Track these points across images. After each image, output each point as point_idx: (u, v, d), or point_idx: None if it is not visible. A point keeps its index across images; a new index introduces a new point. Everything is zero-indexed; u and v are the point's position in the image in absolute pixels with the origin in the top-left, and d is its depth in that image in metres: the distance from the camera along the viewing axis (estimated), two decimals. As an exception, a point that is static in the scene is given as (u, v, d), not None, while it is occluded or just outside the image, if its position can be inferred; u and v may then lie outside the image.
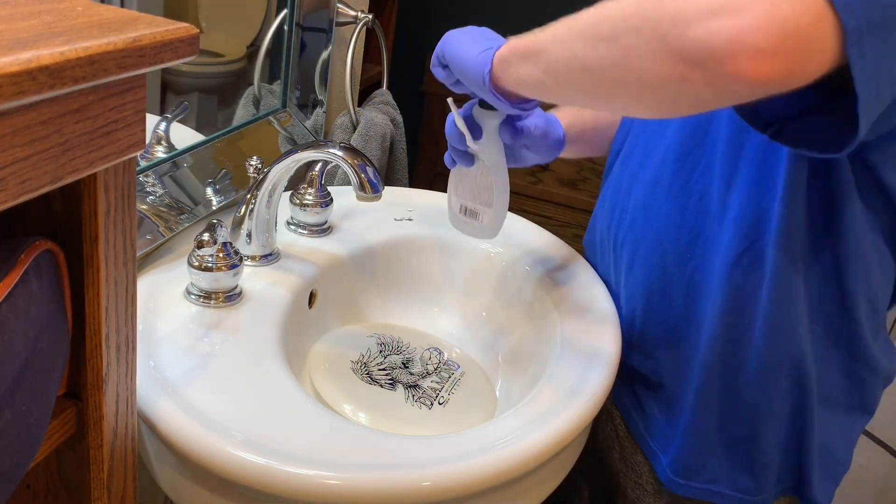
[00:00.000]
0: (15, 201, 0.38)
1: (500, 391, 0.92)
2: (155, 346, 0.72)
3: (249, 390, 0.69)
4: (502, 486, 0.67)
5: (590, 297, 0.92)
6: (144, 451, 0.71)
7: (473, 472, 0.64)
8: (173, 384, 0.68)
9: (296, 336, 0.84)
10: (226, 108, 1.06)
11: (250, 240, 0.87)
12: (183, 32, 0.43)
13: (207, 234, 0.77)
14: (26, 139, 0.37)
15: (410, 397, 0.85)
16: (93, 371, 0.50)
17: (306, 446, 0.64)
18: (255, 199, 0.85)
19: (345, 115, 1.23)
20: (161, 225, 0.86)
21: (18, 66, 0.34)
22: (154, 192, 0.87)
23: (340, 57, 1.21)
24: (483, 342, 0.98)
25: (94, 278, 0.48)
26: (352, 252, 0.97)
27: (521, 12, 1.95)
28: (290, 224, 0.98)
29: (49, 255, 0.45)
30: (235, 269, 0.80)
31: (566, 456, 0.79)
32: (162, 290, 0.81)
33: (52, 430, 0.50)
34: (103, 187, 0.45)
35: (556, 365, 0.80)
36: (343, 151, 0.80)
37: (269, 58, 1.09)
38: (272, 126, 1.11)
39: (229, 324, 0.78)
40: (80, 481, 0.54)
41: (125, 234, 0.49)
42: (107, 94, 0.41)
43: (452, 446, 0.67)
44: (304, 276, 0.89)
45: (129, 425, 0.55)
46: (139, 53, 0.40)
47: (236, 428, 0.64)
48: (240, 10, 1.07)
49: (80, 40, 0.37)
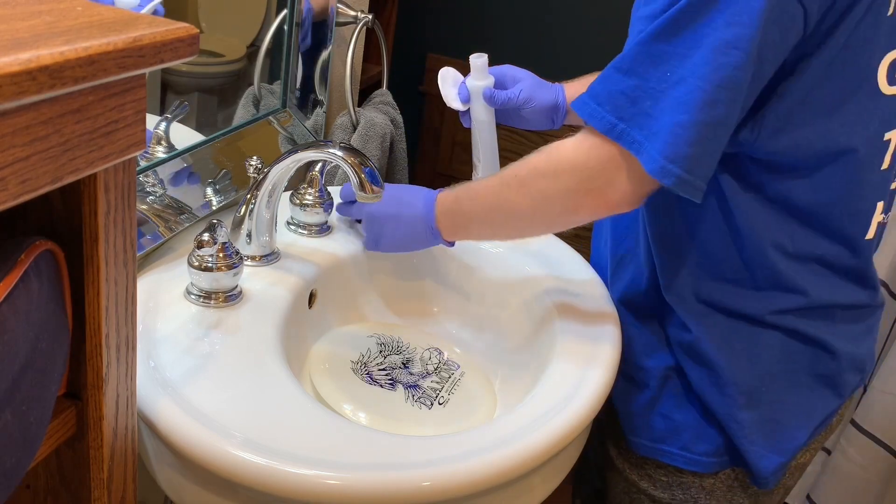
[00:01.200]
0: (15, 201, 0.38)
1: (500, 391, 0.92)
2: (155, 346, 0.72)
3: (249, 390, 0.69)
4: (502, 486, 0.67)
5: (590, 296, 0.92)
6: (144, 451, 0.71)
7: (473, 472, 0.64)
8: (173, 384, 0.68)
9: (296, 336, 0.84)
10: (226, 108, 1.06)
11: (250, 240, 0.87)
12: (183, 32, 0.43)
13: (207, 234, 0.77)
14: (26, 139, 0.37)
15: (410, 397, 0.85)
16: (93, 371, 0.50)
17: (306, 446, 0.64)
18: (255, 199, 0.85)
19: (345, 115, 1.23)
20: (161, 225, 0.86)
21: (18, 66, 0.34)
22: (154, 192, 0.87)
23: (340, 57, 1.21)
24: (483, 342, 0.98)
25: (94, 278, 0.48)
26: (352, 252, 0.97)
27: (522, 12, 1.95)
28: (290, 224, 0.98)
29: (49, 255, 0.45)
30: (235, 269, 0.80)
31: (566, 456, 0.79)
32: (162, 290, 0.81)
33: (52, 430, 0.50)
34: (103, 187, 0.45)
35: (556, 365, 0.80)
36: (343, 151, 0.80)
37: (269, 58, 1.09)
38: (272, 126, 1.11)
39: (229, 324, 0.78)
40: (79, 481, 0.54)
41: (125, 234, 0.49)
42: (107, 94, 0.41)
43: (452, 446, 0.67)
44: (304, 276, 0.89)
45: (129, 425, 0.55)
46: (139, 53, 0.40)
47: (236, 428, 0.64)
48: (240, 10, 1.07)
49: (80, 40, 0.37)
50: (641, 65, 0.69)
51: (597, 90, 0.72)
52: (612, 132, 0.71)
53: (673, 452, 0.86)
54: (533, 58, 2.01)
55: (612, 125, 0.70)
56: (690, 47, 0.66)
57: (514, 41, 1.99)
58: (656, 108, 0.68)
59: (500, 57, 0.95)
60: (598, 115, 0.71)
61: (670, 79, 0.68)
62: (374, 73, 1.70)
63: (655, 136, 0.68)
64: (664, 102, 0.68)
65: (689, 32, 0.66)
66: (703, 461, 0.85)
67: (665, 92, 0.68)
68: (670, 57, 0.68)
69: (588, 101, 0.73)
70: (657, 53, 0.68)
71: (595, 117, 0.72)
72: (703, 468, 0.85)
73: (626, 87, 0.70)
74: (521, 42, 1.98)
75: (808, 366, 0.82)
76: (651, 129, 0.69)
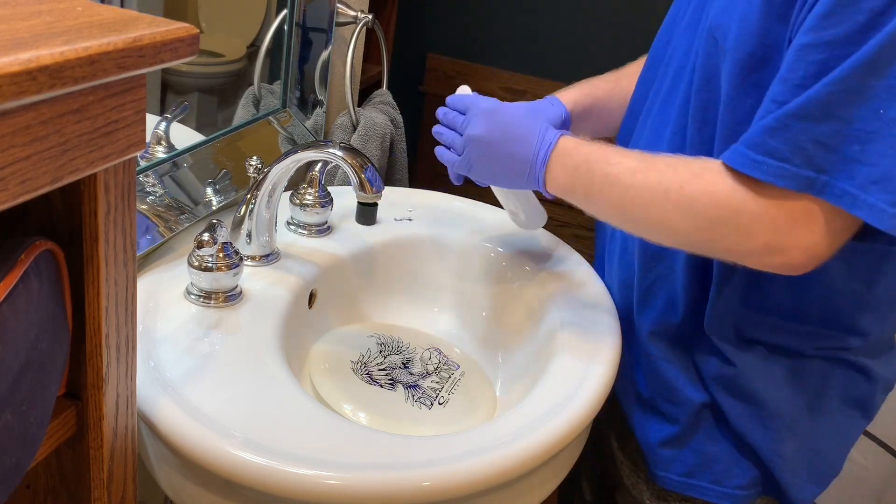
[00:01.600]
0: (15, 201, 0.38)
1: (500, 391, 0.92)
2: (155, 346, 0.72)
3: (249, 390, 0.69)
4: (502, 486, 0.67)
5: (590, 296, 0.92)
6: (144, 451, 0.71)
7: (473, 472, 0.64)
8: (173, 384, 0.68)
9: (296, 336, 0.84)
10: (226, 108, 1.06)
11: (250, 240, 0.87)
12: (183, 32, 0.43)
13: (207, 234, 0.77)
14: (26, 139, 0.37)
15: (410, 397, 0.85)
16: (93, 371, 0.50)
17: (306, 446, 0.64)
18: (255, 199, 0.85)
19: (345, 115, 1.23)
20: (161, 225, 0.86)
21: (18, 66, 0.34)
22: (154, 192, 0.87)
23: (340, 57, 1.21)
24: (483, 342, 0.98)
25: (94, 278, 0.48)
26: (352, 252, 0.97)
27: (521, 12, 1.95)
28: (290, 224, 0.98)
29: (49, 255, 0.45)
30: (235, 269, 0.80)
31: (566, 456, 0.79)
32: (162, 290, 0.81)
33: (52, 430, 0.50)
34: (103, 187, 0.45)
35: (556, 364, 0.80)
36: (343, 151, 0.80)
37: (269, 58, 1.09)
38: (272, 126, 1.11)
39: (229, 324, 0.78)
40: (79, 481, 0.54)
41: (125, 234, 0.49)
42: (107, 94, 0.41)
43: (452, 446, 0.67)
44: (303, 276, 0.89)
45: (129, 425, 0.55)
46: (139, 53, 0.40)
47: (236, 428, 0.64)
48: (240, 10, 1.07)
49: (80, 40, 0.37)
50: (842, 106, 0.58)
51: (773, 146, 0.61)
52: (813, 187, 0.60)
53: (704, 486, 0.82)
54: (533, 58, 2.01)
55: (811, 180, 0.60)
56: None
57: (514, 41, 1.98)
58: (870, 152, 0.58)
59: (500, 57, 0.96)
60: (787, 173, 0.61)
61: (886, 117, 0.58)
62: (374, 73, 1.70)
63: (876, 184, 0.58)
64: (882, 145, 0.58)
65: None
66: (736, 494, 0.81)
67: (879, 132, 0.58)
68: (883, 91, 0.57)
69: (765, 160, 0.62)
70: (863, 90, 0.58)
71: (784, 177, 0.61)
72: (734, 501, 0.81)
73: (821, 135, 0.59)
74: (521, 42, 1.98)
75: (843, 390, 0.78)
76: (869, 176, 0.58)
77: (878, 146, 0.58)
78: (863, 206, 0.59)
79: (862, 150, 0.58)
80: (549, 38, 1.99)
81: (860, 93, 0.58)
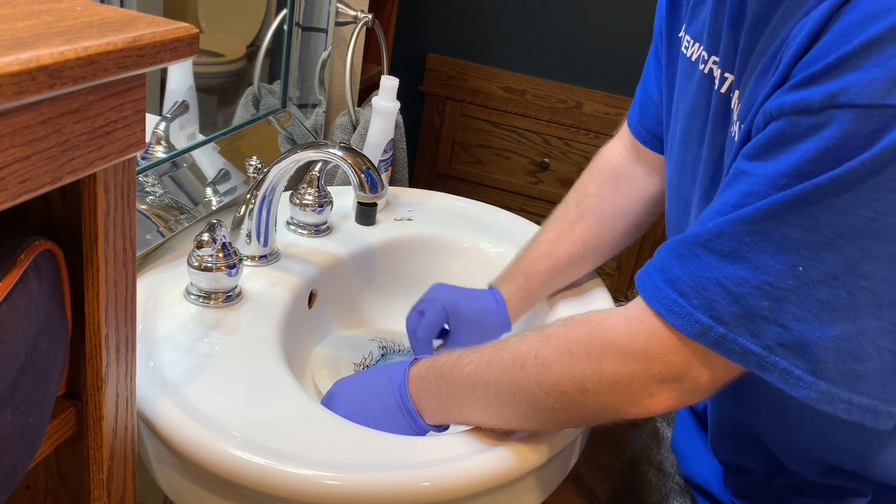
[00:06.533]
0: (15, 201, 0.38)
1: (500, 391, 0.92)
2: (155, 346, 0.72)
3: (249, 390, 0.69)
4: (502, 486, 0.67)
5: (590, 297, 0.92)
6: (144, 451, 0.71)
7: (473, 472, 0.64)
8: (173, 384, 0.68)
9: (295, 336, 0.84)
10: (226, 108, 1.06)
11: (250, 240, 0.87)
12: (183, 32, 0.43)
13: (207, 234, 0.77)
14: (26, 139, 0.37)
15: (410, 397, 0.85)
16: (92, 371, 0.50)
17: (306, 446, 0.64)
18: (254, 199, 0.85)
19: (345, 115, 1.23)
20: (161, 225, 0.86)
21: (18, 66, 0.34)
22: (154, 192, 0.87)
23: (340, 57, 1.21)
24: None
25: (93, 278, 0.48)
26: (352, 252, 0.97)
27: (522, 12, 1.95)
28: (290, 224, 0.98)
29: (49, 255, 0.45)
30: (235, 269, 0.80)
31: (566, 456, 0.79)
32: (162, 290, 0.81)
33: (52, 431, 0.50)
34: (103, 187, 0.45)
35: (556, 365, 0.80)
36: (343, 151, 0.80)
37: (269, 58, 1.09)
38: (272, 126, 1.11)
39: (229, 324, 0.78)
40: (79, 481, 0.54)
41: (125, 234, 0.49)
42: (107, 94, 0.41)
43: (452, 446, 0.67)
44: (303, 276, 0.89)
45: (128, 425, 0.55)
46: (139, 53, 0.40)
47: (236, 428, 0.64)
48: (240, 10, 1.07)
49: (80, 40, 0.37)
50: (752, 250, 0.49)
51: (677, 274, 0.53)
52: (706, 337, 0.52)
53: None
54: (532, 58, 2.01)
55: (704, 329, 0.51)
56: (838, 236, 0.47)
57: (514, 41, 1.99)
58: (783, 312, 0.49)
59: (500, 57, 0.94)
60: (681, 311, 0.52)
61: (805, 276, 0.48)
62: (374, 73, 1.70)
63: (787, 348, 0.49)
64: (797, 307, 0.49)
65: (832, 216, 0.46)
66: None
67: (795, 293, 0.48)
68: (801, 246, 0.48)
69: (663, 288, 0.53)
70: (780, 239, 0.48)
71: (676, 314, 0.52)
72: None
73: (726, 278, 0.50)
74: (521, 42, 1.98)
75: None
76: (778, 339, 0.49)
77: (792, 308, 0.49)
78: (773, 369, 0.50)
79: (772, 307, 0.49)
80: (549, 38, 1.99)
81: (776, 241, 0.48)
